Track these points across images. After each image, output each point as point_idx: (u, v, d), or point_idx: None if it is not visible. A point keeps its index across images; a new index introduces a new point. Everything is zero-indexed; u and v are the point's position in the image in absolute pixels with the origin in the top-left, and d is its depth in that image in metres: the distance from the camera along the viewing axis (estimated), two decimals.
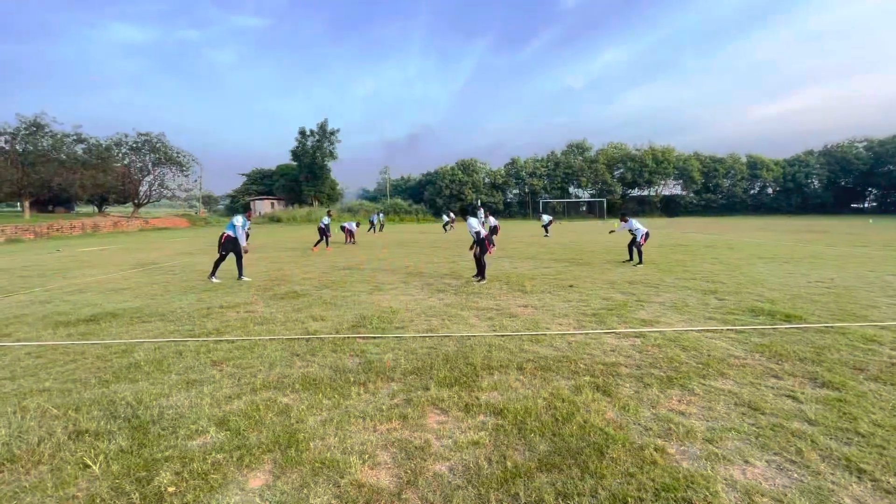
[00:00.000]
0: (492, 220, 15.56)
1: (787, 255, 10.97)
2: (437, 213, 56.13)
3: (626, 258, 10.31)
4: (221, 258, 8.45)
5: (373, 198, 68.41)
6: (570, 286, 7.08)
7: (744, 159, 56.99)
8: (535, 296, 6.38)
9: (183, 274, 9.46)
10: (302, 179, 57.83)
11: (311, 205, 57.47)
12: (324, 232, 15.33)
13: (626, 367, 3.50)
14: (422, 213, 54.21)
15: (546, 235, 20.63)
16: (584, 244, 15.54)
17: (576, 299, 6.08)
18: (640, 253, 9.59)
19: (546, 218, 21.48)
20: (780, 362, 3.54)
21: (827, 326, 4.51)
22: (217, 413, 2.78)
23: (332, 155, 58.37)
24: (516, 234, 23.74)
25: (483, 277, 7.69)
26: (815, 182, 55.30)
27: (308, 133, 56.63)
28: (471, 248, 7.84)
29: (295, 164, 59.59)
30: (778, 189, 56.22)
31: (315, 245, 15.37)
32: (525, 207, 57.31)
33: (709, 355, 3.71)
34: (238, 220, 8.49)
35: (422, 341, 4.23)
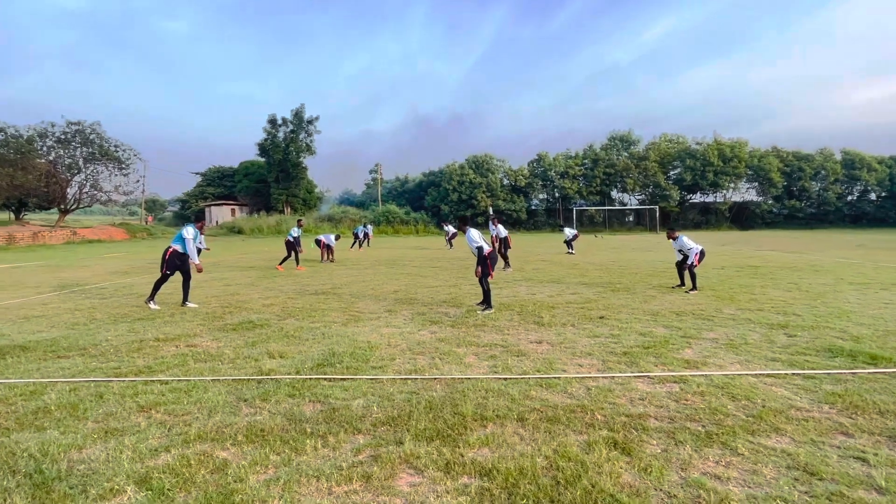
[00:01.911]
0: (501, 231, 14.81)
1: (888, 279, 10.94)
2: (442, 223, 56.54)
3: (677, 283, 10.37)
4: (164, 278, 8.66)
5: (360, 203, 69.38)
6: (601, 318, 7.17)
7: (838, 156, 57.01)
8: (554, 329, 6.47)
9: (115, 298, 9.68)
10: (271, 180, 58.85)
11: (282, 212, 58.37)
12: (292, 246, 15.61)
13: (655, 419, 3.56)
14: (422, 223, 54.72)
15: (570, 252, 20.71)
16: (627, 264, 15.59)
17: (605, 334, 6.16)
18: (693, 277, 9.65)
19: (570, 232, 21.54)
20: (853, 416, 3.58)
21: None
22: (138, 469, 2.89)
23: (309, 149, 59.55)
24: (540, 250, 23.86)
25: (489, 306, 7.78)
26: None
27: (279, 122, 57.79)
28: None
29: (262, 160, 60.77)
30: (883, 195, 56.00)
31: (281, 263, 15.64)
32: (554, 216, 57.62)
33: (763, 406, 3.76)
34: (188, 231, 8.72)
35: (402, 385, 4.33)
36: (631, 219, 58.47)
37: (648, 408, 3.78)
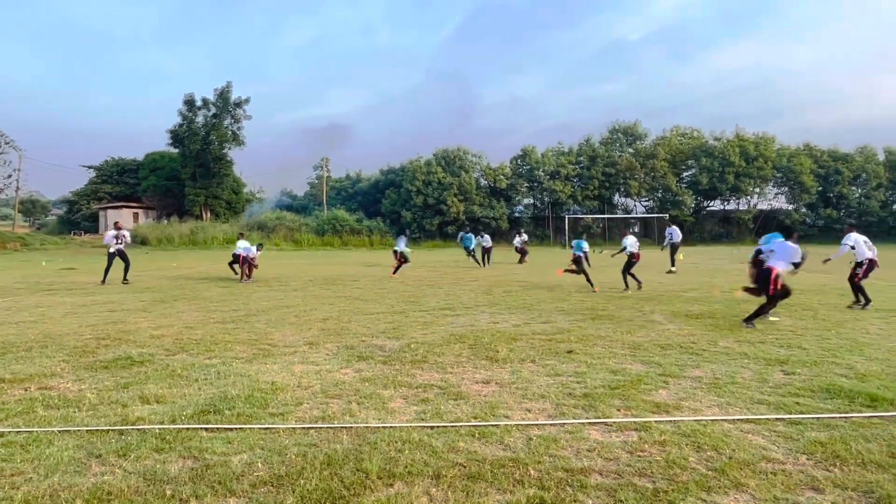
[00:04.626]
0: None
1: None
2: (403, 233, 56.58)
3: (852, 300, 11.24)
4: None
5: (302, 207, 69.15)
6: (569, 352, 7.36)
7: (881, 156, 59.49)
8: (509, 366, 6.62)
9: None
10: (186, 177, 58.14)
11: (200, 217, 57.69)
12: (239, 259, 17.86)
13: (599, 474, 3.71)
14: (377, 233, 54.74)
15: (673, 270, 21.08)
16: (619, 285, 15.93)
17: (568, 372, 6.33)
18: (859, 290, 10.85)
19: (674, 234, 21.84)
20: (831, 468, 3.79)
21: None
22: None
23: (236, 139, 59.22)
24: (519, 268, 24.14)
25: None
26: None
27: (199, 104, 57.31)
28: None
29: (175, 151, 60.06)
30: None
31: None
32: (542, 225, 58.37)
33: (730, 458, 3.95)
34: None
35: (302, 436, 4.38)
36: (636, 229, 59.69)
37: (595, 461, 3.93)
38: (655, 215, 56.76)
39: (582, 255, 15.77)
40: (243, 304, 12.40)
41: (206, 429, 4.51)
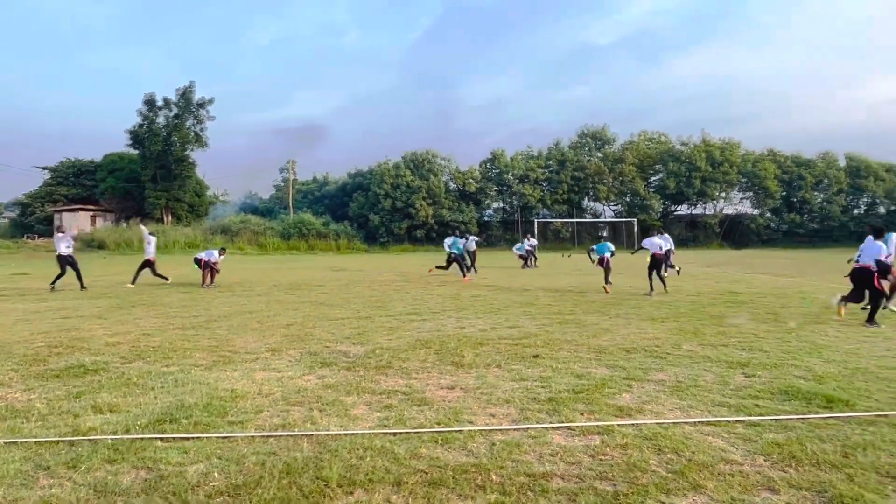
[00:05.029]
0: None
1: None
2: (371, 237, 56.67)
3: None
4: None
5: (267, 210, 68.41)
6: (535, 356, 7.42)
7: (842, 162, 61.35)
8: (474, 372, 6.64)
9: None
10: (146, 179, 57.06)
11: (161, 220, 56.67)
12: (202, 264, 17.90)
13: (561, 478, 3.75)
14: (345, 237, 54.41)
15: (676, 271, 20.97)
16: (587, 289, 16.13)
17: (534, 377, 6.39)
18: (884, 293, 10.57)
19: (667, 242, 20.94)
20: (786, 468, 3.90)
21: (878, 415, 4.98)
22: None
23: (199, 140, 58.42)
24: (487, 273, 24.24)
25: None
26: None
27: (160, 104, 56.34)
28: None
29: (135, 152, 58.91)
30: (892, 208, 60.56)
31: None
32: (511, 229, 58.77)
33: (689, 460, 4.03)
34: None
35: (261, 444, 4.33)
36: (605, 234, 60.45)
37: (557, 465, 3.97)
38: (624, 219, 57.59)
39: (607, 255, 16.23)
40: (204, 309, 12.22)
41: (162, 438, 4.44)
